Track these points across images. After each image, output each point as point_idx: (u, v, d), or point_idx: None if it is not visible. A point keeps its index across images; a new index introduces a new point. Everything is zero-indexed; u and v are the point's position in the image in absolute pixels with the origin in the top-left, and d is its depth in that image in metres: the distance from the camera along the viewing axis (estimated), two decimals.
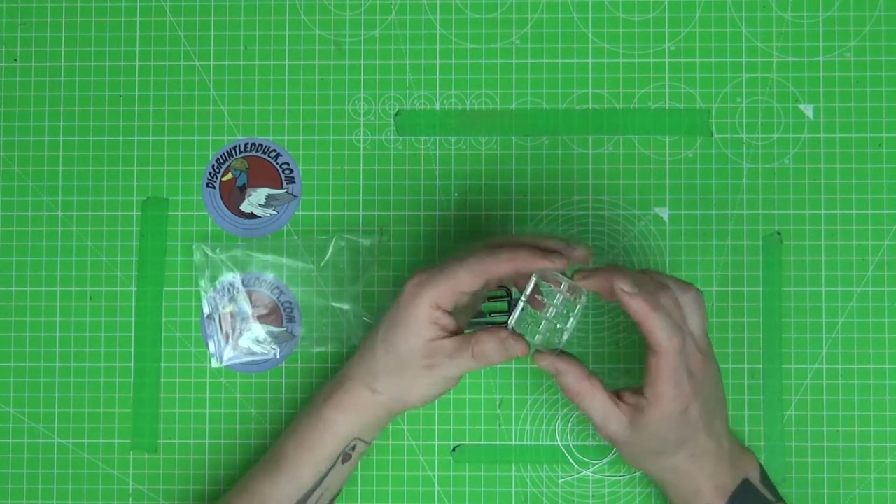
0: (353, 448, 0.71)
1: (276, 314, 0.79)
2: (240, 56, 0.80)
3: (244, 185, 0.80)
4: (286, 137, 0.80)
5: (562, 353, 0.69)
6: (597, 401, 0.68)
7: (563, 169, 0.79)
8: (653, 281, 0.68)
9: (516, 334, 0.68)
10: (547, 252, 0.67)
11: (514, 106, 0.80)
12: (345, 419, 0.70)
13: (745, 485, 0.70)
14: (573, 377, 0.68)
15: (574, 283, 0.68)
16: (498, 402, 0.79)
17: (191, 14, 0.81)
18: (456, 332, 0.68)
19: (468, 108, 0.80)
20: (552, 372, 0.69)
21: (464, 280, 0.66)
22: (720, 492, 0.70)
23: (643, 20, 0.80)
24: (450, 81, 0.80)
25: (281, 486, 0.71)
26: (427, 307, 0.67)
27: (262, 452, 0.78)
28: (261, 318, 0.79)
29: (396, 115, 0.80)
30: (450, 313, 0.68)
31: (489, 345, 0.67)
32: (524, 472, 0.78)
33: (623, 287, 0.66)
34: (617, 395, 0.69)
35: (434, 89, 0.80)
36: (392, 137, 0.80)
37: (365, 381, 0.70)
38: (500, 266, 0.66)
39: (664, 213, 0.79)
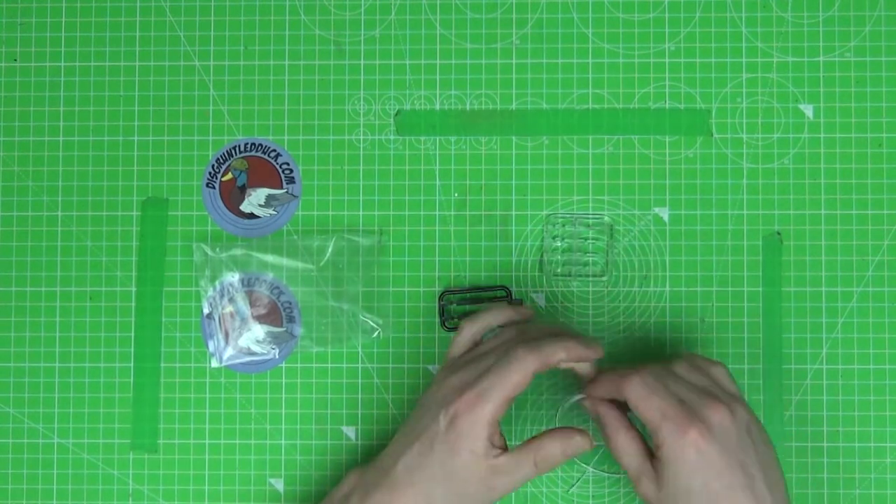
0: None
1: (276, 314, 0.79)
2: (240, 56, 0.80)
3: (244, 185, 0.80)
4: (286, 137, 0.80)
5: (606, 401, 0.68)
6: (633, 452, 0.67)
7: (563, 169, 0.79)
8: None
9: (577, 429, 0.66)
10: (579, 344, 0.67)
11: (514, 106, 0.80)
12: None
13: None
14: (613, 421, 0.67)
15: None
16: None
17: (191, 14, 0.81)
18: (505, 446, 0.67)
19: (468, 108, 0.80)
20: (594, 416, 0.68)
21: (518, 383, 0.65)
22: None
23: (643, 20, 0.80)
24: (450, 81, 0.80)
25: None
26: (486, 426, 0.65)
27: (262, 452, 0.78)
28: (260, 318, 0.79)
29: (396, 115, 0.80)
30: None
31: (552, 449, 0.65)
32: None
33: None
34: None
35: (434, 89, 0.80)
36: (392, 137, 0.80)
37: (417, 489, 0.66)
38: (549, 360, 0.65)
39: (664, 213, 0.79)
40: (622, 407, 0.69)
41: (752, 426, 0.66)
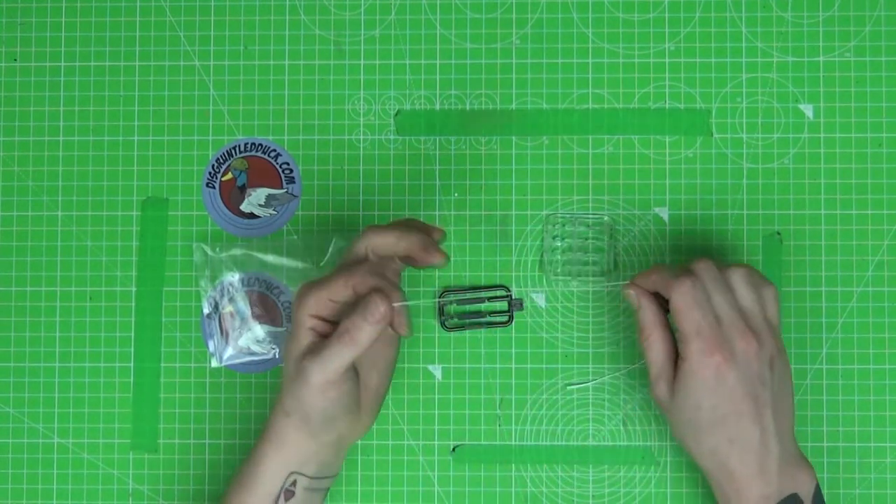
0: (294, 484, 0.69)
1: (276, 314, 0.79)
2: (240, 56, 0.80)
3: (244, 185, 0.80)
4: (286, 137, 0.80)
5: (646, 291, 0.69)
6: (660, 353, 0.68)
7: (563, 169, 0.79)
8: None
9: (375, 296, 0.65)
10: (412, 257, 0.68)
11: (514, 106, 0.80)
12: (272, 452, 0.69)
13: (792, 500, 0.67)
14: (650, 317, 0.69)
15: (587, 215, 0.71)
16: (498, 402, 0.79)
17: (191, 14, 0.81)
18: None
19: (468, 108, 0.80)
20: (633, 305, 0.69)
21: (335, 289, 0.66)
22: (763, 501, 0.66)
23: (643, 20, 0.80)
24: (450, 81, 0.80)
25: None
26: (305, 316, 0.66)
27: None
28: (260, 318, 0.79)
29: (396, 115, 0.80)
30: (331, 323, 0.67)
31: (352, 317, 0.65)
32: (524, 472, 0.78)
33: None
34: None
35: (434, 89, 0.80)
36: (392, 137, 0.80)
37: (280, 405, 0.69)
38: (364, 281, 0.66)
39: (664, 213, 0.79)
40: (663, 303, 0.70)
41: (777, 360, 0.68)
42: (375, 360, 0.70)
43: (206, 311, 0.79)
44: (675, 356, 0.68)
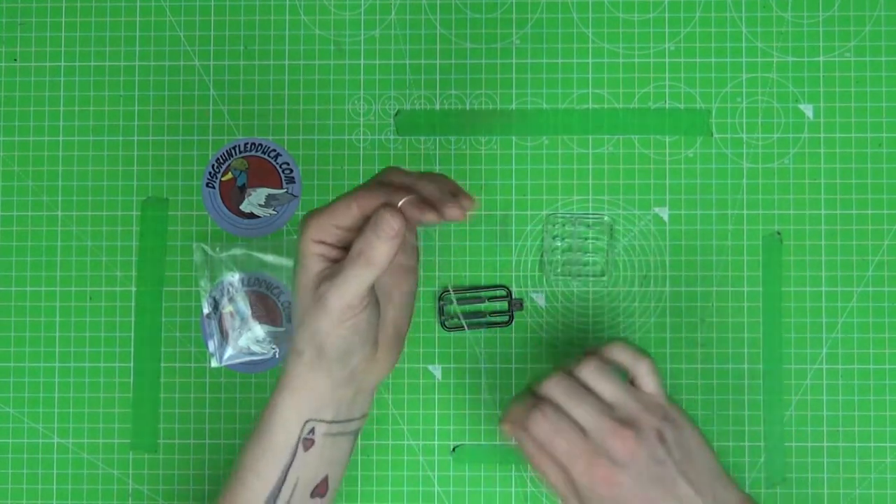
0: (312, 431, 0.65)
1: (276, 314, 0.79)
2: (240, 56, 0.80)
3: (244, 185, 0.80)
4: (286, 137, 0.80)
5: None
6: (555, 478, 0.66)
7: (563, 169, 0.79)
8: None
9: (384, 211, 0.61)
10: (425, 203, 0.63)
11: (514, 106, 0.80)
12: (287, 400, 0.65)
13: None
14: (530, 450, 0.66)
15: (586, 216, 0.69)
16: (498, 402, 0.79)
17: (191, 14, 0.81)
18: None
19: (468, 108, 0.80)
20: (515, 441, 0.67)
21: (339, 212, 0.62)
22: None
23: (643, 20, 0.80)
24: (450, 81, 0.80)
25: (248, 485, 0.66)
26: (310, 242, 0.63)
27: None
28: (260, 318, 0.79)
29: (396, 115, 0.80)
30: (339, 248, 0.63)
31: (363, 235, 0.62)
32: (524, 472, 0.78)
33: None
34: None
35: (434, 89, 0.80)
36: (392, 137, 0.80)
37: (292, 347, 0.65)
38: (370, 201, 0.62)
39: (664, 213, 0.79)
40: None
41: (666, 429, 0.65)
42: (391, 293, 0.67)
43: (206, 311, 0.79)
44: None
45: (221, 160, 0.80)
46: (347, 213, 0.62)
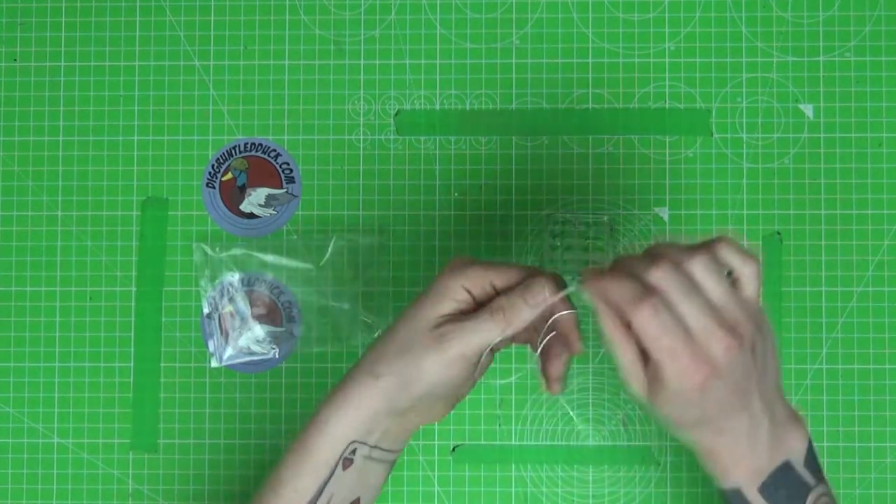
0: (354, 452, 0.64)
1: (276, 314, 0.79)
2: (240, 56, 0.80)
3: (244, 185, 0.80)
4: (286, 137, 0.80)
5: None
6: (625, 357, 0.61)
7: (563, 169, 0.79)
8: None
9: (539, 278, 0.62)
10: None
11: (514, 106, 0.80)
12: (338, 418, 0.64)
13: (784, 469, 0.63)
14: (611, 322, 0.61)
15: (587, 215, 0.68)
16: (498, 402, 0.79)
17: (191, 14, 0.81)
18: None
19: (468, 108, 0.80)
20: (595, 308, 0.62)
21: (502, 272, 0.62)
22: (753, 475, 0.63)
23: (643, 20, 0.80)
24: (450, 81, 0.80)
25: (283, 496, 0.65)
26: (458, 285, 0.62)
27: (262, 452, 0.78)
28: (260, 318, 0.79)
29: (396, 115, 0.80)
30: (475, 303, 0.63)
31: (510, 295, 0.62)
32: (524, 472, 0.78)
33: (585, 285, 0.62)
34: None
35: (434, 89, 0.80)
36: (392, 137, 0.80)
37: (368, 368, 0.63)
38: (534, 275, 0.63)
39: (664, 213, 0.79)
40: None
41: (758, 341, 0.62)
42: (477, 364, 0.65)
43: (206, 311, 0.79)
44: (645, 355, 0.62)
45: (221, 160, 0.80)
46: (510, 275, 0.63)
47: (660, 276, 0.61)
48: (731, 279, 0.63)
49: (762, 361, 0.63)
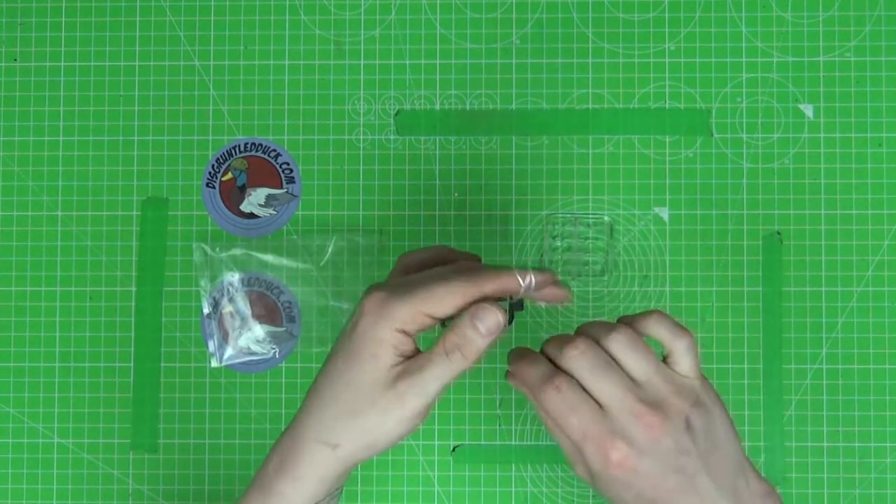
0: None
1: (276, 314, 0.79)
2: (240, 56, 0.80)
3: (244, 185, 0.80)
4: (286, 137, 0.80)
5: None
6: (558, 439, 0.61)
7: (563, 169, 0.79)
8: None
9: (486, 305, 0.58)
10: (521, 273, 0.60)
11: (514, 106, 0.80)
12: (298, 490, 0.60)
13: None
14: (538, 410, 0.61)
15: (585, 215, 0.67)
16: (498, 402, 0.79)
17: (191, 14, 0.81)
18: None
19: (468, 108, 0.80)
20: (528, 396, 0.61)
21: (444, 301, 0.58)
22: None
23: (643, 20, 0.80)
24: (450, 81, 0.80)
25: None
26: (392, 330, 0.58)
27: (262, 452, 0.78)
28: (260, 318, 0.79)
29: (396, 115, 0.80)
30: (413, 340, 0.59)
31: (461, 325, 0.58)
32: (524, 472, 0.78)
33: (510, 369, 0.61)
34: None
35: (434, 89, 0.80)
36: (392, 137, 0.80)
37: (320, 437, 0.60)
38: (470, 289, 0.58)
39: (664, 213, 0.79)
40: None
41: (695, 416, 0.60)
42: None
43: (206, 311, 0.79)
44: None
45: (221, 160, 0.80)
46: (443, 301, 0.58)
47: (573, 355, 0.59)
48: (664, 355, 0.62)
49: (706, 437, 0.60)
